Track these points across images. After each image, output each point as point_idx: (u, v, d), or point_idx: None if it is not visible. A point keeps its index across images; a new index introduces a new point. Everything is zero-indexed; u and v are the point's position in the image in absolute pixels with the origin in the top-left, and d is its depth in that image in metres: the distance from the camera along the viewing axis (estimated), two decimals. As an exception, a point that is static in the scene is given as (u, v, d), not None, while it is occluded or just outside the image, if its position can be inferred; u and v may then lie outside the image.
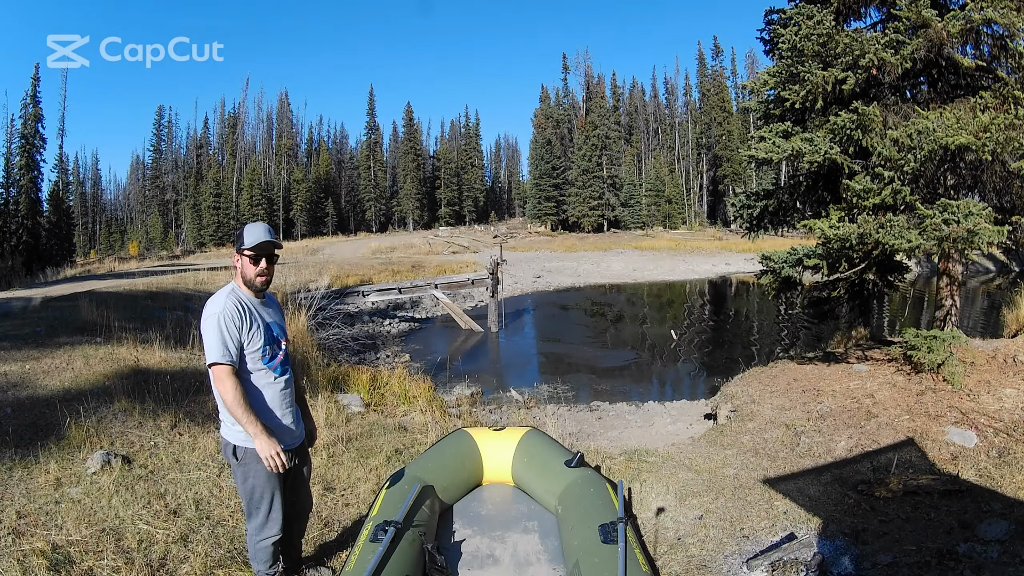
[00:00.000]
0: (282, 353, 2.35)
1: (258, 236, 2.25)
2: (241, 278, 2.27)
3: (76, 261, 30.57)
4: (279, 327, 2.38)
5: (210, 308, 2.17)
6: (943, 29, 5.11)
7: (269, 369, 2.27)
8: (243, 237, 2.25)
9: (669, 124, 52.14)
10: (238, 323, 2.18)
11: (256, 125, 53.32)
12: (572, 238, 39.55)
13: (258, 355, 2.24)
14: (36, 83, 28.09)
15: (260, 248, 2.24)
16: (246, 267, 2.25)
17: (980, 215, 4.70)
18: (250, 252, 2.23)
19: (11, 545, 2.60)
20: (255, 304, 2.28)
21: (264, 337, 2.26)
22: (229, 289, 2.25)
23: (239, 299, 2.23)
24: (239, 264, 2.26)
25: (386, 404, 5.69)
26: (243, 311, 2.21)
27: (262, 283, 2.29)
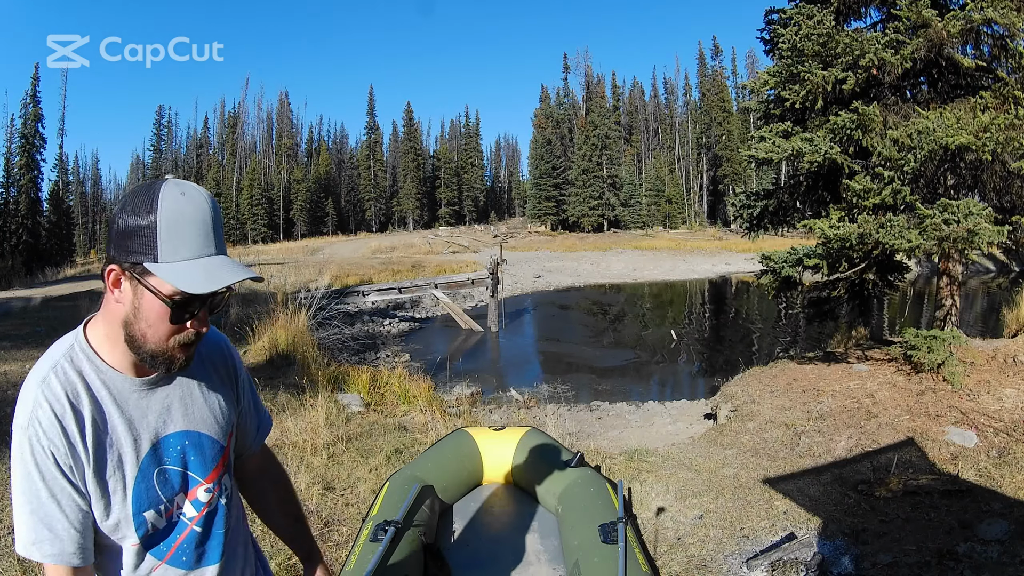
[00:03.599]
0: (198, 516, 0.97)
1: (205, 266, 0.83)
2: (122, 330, 0.86)
3: (76, 261, 30.58)
4: (200, 443, 0.97)
5: (19, 410, 0.85)
6: (943, 29, 5.11)
7: (157, 560, 0.94)
8: (155, 240, 0.81)
9: (669, 124, 52.13)
10: (68, 460, 0.84)
11: (256, 125, 53.34)
12: (572, 238, 39.55)
13: (125, 532, 0.90)
14: (36, 83, 28.12)
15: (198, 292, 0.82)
16: (149, 318, 0.85)
17: (980, 215, 4.70)
18: (171, 294, 0.83)
19: (11, 545, 2.60)
20: (131, 396, 0.90)
21: (138, 490, 0.90)
22: (65, 351, 0.88)
23: (87, 387, 0.87)
24: (126, 299, 0.85)
25: (386, 404, 5.69)
26: (87, 425, 0.86)
27: (182, 360, 0.90)
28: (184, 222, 0.81)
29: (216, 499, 0.99)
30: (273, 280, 13.52)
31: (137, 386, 0.90)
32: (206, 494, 0.98)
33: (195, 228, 0.82)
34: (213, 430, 0.99)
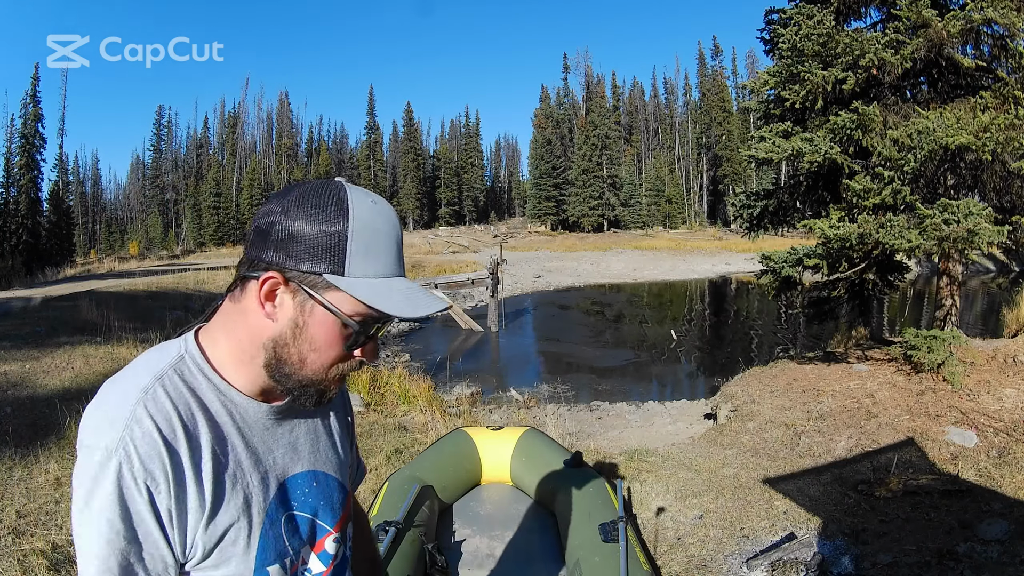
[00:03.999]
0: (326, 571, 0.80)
1: (401, 288, 0.69)
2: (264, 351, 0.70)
3: (76, 261, 30.58)
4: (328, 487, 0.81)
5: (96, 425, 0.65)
6: (943, 29, 5.11)
7: None
8: (345, 250, 0.66)
9: (669, 124, 52.14)
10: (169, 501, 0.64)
11: (256, 125, 53.34)
12: (572, 238, 39.56)
13: None
14: (36, 83, 28.09)
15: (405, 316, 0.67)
16: (316, 340, 0.69)
17: (980, 215, 4.70)
18: (354, 314, 0.68)
19: (11, 545, 2.60)
20: (256, 426, 0.73)
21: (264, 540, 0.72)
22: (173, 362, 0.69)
23: (203, 409, 0.68)
24: (284, 315, 0.68)
25: (386, 404, 5.69)
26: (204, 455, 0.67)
27: (334, 393, 0.76)
28: (379, 234, 0.69)
29: (342, 552, 0.83)
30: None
31: (264, 414, 0.73)
32: (334, 545, 0.81)
33: (389, 243, 0.70)
34: (339, 472, 0.84)
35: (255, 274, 0.67)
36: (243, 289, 0.70)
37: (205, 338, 0.72)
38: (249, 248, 0.69)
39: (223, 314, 0.73)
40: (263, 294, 0.67)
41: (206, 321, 0.75)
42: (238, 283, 0.70)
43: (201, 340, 0.72)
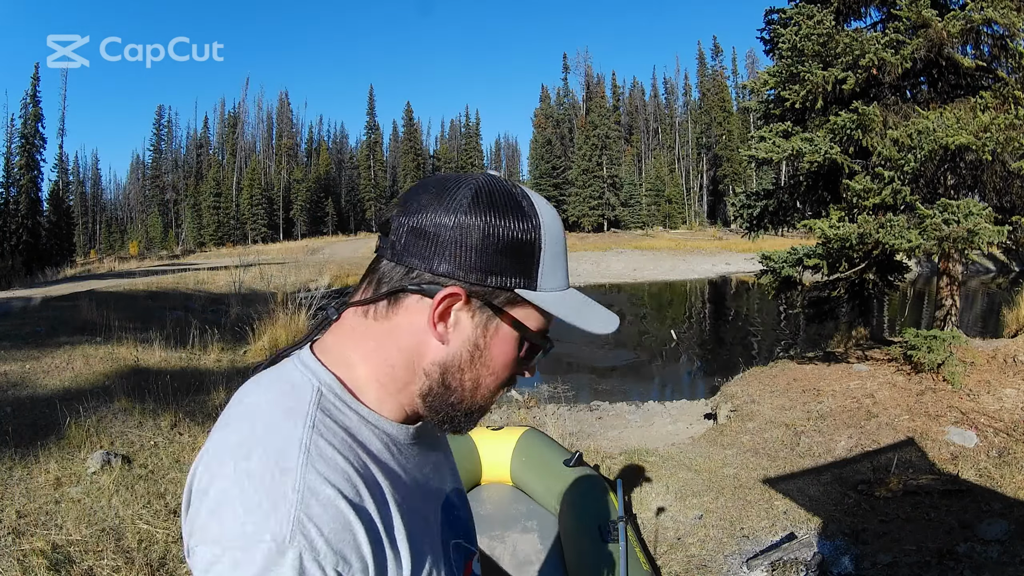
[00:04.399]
0: None
1: (582, 301, 0.63)
2: (426, 377, 0.58)
3: (76, 261, 30.60)
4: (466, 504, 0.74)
5: (240, 516, 0.46)
6: (943, 29, 5.11)
7: None
8: (537, 260, 0.59)
9: (669, 124, 52.16)
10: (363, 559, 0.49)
11: (256, 125, 53.41)
12: (572, 238, 39.58)
13: None
14: (36, 83, 28.12)
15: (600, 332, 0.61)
16: (495, 363, 0.59)
17: (980, 215, 4.70)
18: (540, 329, 0.60)
19: (11, 545, 2.60)
20: (409, 452, 0.62)
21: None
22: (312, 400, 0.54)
23: (368, 453, 0.55)
24: (461, 337, 0.57)
25: (386, 404, 5.70)
26: (393, 512, 0.54)
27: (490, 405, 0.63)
28: (561, 241, 0.62)
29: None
30: (273, 280, 13.52)
31: (410, 438, 0.62)
32: (478, 565, 0.72)
33: (565, 250, 0.63)
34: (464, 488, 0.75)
35: (424, 288, 0.55)
36: (394, 304, 0.57)
37: (330, 361, 0.58)
38: (402, 253, 0.56)
39: (353, 332, 0.59)
40: (437, 313, 0.55)
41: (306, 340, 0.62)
42: (382, 296, 0.57)
43: (329, 362, 0.58)
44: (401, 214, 0.57)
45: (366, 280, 0.60)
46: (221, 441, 0.52)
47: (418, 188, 0.59)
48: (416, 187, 0.59)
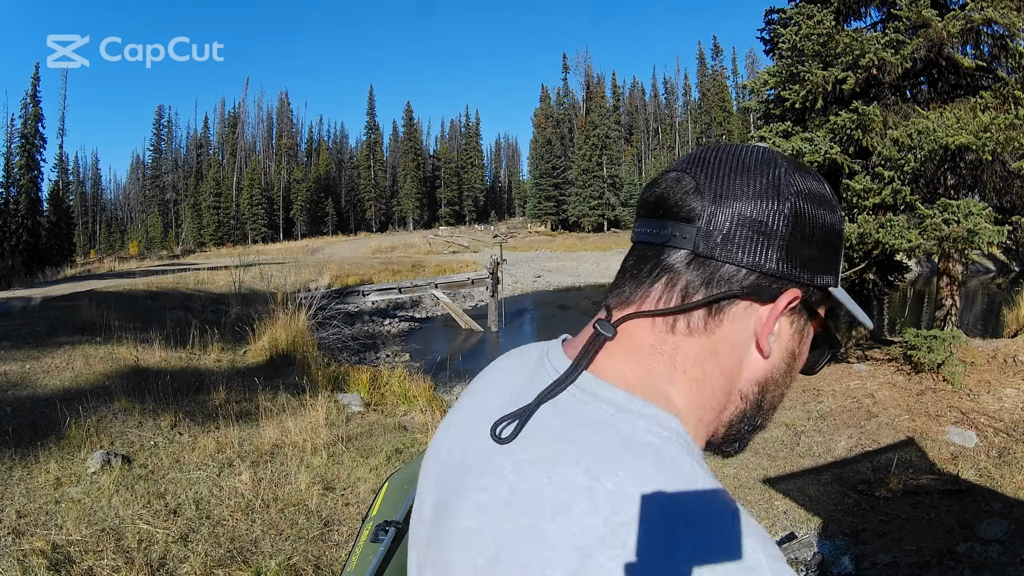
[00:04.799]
0: None
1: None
2: (741, 401, 0.50)
3: (76, 261, 30.60)
4: None
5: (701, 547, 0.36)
6: (943, 29, 5.11)
7: None
8: (840, 253, 0.50)
9: (669, 124, 52.17)
10: None
11: (256, 125, 53.41)
12: (572, 238, 39.57)
13: None
14: (36, 83, 28.13)
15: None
16: (795, 371, 0.51)
17: (980, 215, 4.70)
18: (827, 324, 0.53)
19: (11, 545, 2.60)
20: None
21: None
22: (672, 440, 0.43)
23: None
24: (781, 347, 0.49)
25: (386, 404, 5.69)
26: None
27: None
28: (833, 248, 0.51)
29: None
30: (273, 280, 13.52)
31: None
32: None
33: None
34: None
35: (761, 292, 0.45)
36: (716, 314, 0.46)
37: (647, 386, 0.46)
38: (722, 248, 0.45)
39: (658, 353, 0.46)
40: (771, 319, 0.46)
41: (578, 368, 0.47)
42: (702, 304, 0.45)
43: (643, 391, 0.46)
44: (710, 197, 0.45)
45: (649, 281, 0.47)
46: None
47: (716, 163, 0.47)
48: (709, 161, 0.47)
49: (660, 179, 0.49)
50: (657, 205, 0.47)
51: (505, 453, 0.44)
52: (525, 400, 0.46)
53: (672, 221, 0.46)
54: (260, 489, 3.26)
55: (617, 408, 0.44)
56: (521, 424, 0.44)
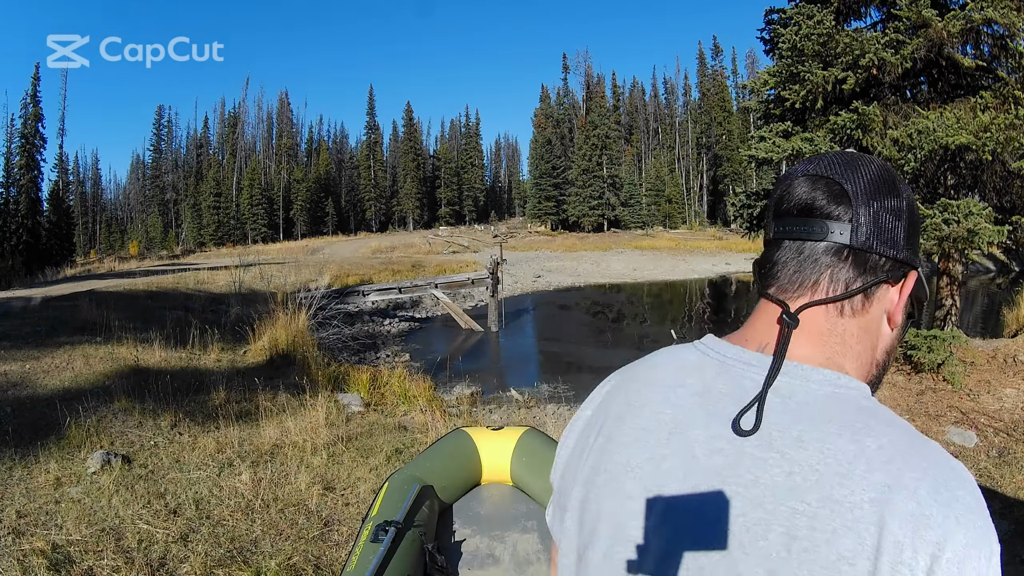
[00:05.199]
0: None
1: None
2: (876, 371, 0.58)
3: (76, 261, 30.59)
4: None
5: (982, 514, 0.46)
6: (943, 29, 5.11)
7: None
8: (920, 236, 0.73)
9: (669, 124, 52.17)
10: None
11: (256, 125, 53.41)
12: (572, 238, 39.57)
13: None
14: (36, 83, 28.12)
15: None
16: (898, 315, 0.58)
17: (980, 215, 4.71)
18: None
19: (11, 545, 2.60)
20: None
21: None
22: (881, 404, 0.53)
23: None
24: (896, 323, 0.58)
25: (386, 404, 5.70)
26: None
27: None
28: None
29: None
30: (273, 280, 13.52)
31: None
32: None
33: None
34: None
35: (895, 276, 0.55)
36: (868, 297, 0.54)
37: (835, 369, 0.53)
38: (870, 241, 0.53)
39: (832, 334, 0.54)
40: (903, 300, 0.56)
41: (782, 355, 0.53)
42: (860, 290, 0.54)
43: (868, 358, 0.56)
44: (856, 199, 0.53)
45: (815, 274, 0.54)
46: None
47: (846, 168, 0.55)
48: (839, 165, 0.55)
49: (794, 183, 0.56)
50: (808, 207, 0.55)
51: (760, 445, 0.49)
52: (727, 397, 0.52)
53: (827, 220, 0.54)
54: (260, 489, 3.26)
55: (834, 385, 0.51)
56: (760, 415, 0.50)
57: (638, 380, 0.60)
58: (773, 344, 0.54)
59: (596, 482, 0.57)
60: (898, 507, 0.44)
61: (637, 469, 0.54)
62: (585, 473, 0.59)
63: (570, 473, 0.62)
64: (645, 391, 0.58)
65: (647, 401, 0.57)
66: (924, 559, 0.43)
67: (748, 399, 0.51)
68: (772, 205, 0.58)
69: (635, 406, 0.58)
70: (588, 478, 0.58)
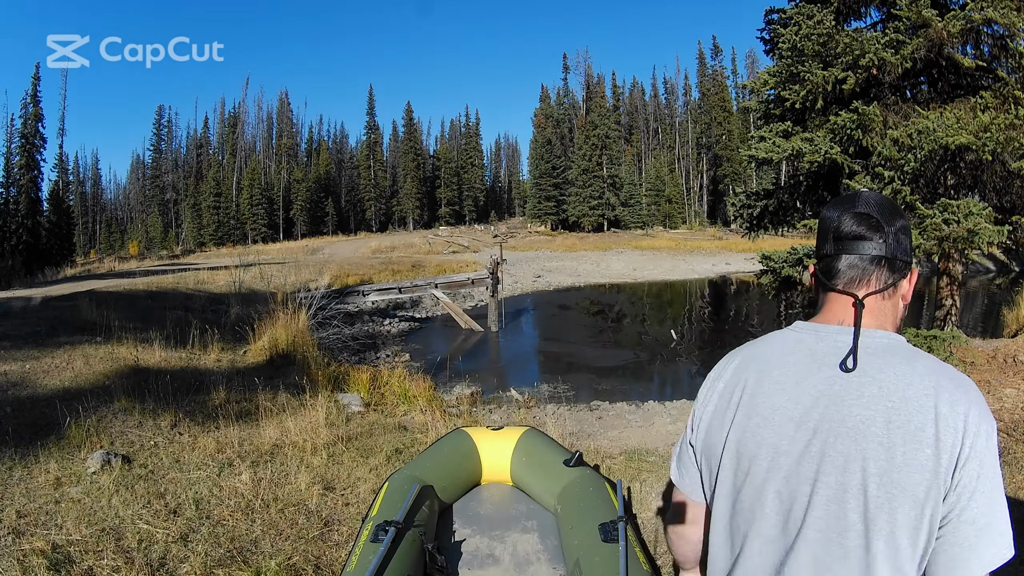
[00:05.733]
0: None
1: None
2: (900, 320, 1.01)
3: (76, 261, 30.59)
4: None
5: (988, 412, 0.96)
6: (943, 29, 5.11)
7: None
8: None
9: (669, 124, 52.15)
10: None
11: (256, 125, 53.38)
12: (572, 238, 39.55)
13: None
14: (36, 83, 28.11)
15: None
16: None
17: (980, 215, 4.71)
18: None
19: (11, 545, 2.60)
20: None
21: None
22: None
23: None
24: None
25: (386, 403, 5.69)
26: None
27: None
28: None
29: None
30: (273, 280, 13.52)
31: None
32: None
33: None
34: None
35: (907, 271, 0.92)
36: (896, 287, 0.91)
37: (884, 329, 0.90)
38: (896, 251, 0.89)
39: (882, 312, 0.91)
40: (912, 287, 0.94)
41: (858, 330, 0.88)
42: (893, 283, 0.90)
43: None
44: (887, 225, 0.89)
45: (869, 274, 0.89)
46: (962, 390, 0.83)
47: (875, 205, 0.90)
48: (873, 204, 0.90)
49: (846, 218, 0.90)
50: (859, 235, 0.89)
51: (859, 375, 0.84)
52: (828, 354, 0.87)
53: (870, 241, 0.88)
54: (260, 489, 3.26)
55: (887, 338, 0.87)
56: (855, 358, 0.84)
57: (761, 354, 0.93)
58: (848, 320, 0.89)
59: (751, 424, 0.88)
60: (942, 396, 0.81)
61: (782, 407, 0.86)
62: (738, 421, 0.90)
63: (716, 425, 0.94)
64: (771, 358, 0.91)
65: (776, 365, 0.90)
66: (960, 421, 0.80)
67: (843, 353, 0.85)
68: (831, 231, 0.91)
69: (766, 369, 0.90)
70: (742, 423, 0.90)
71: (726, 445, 0.90)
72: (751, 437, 0.87)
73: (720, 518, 0.92)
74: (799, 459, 0.83)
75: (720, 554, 0.93)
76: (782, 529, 0.84)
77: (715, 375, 0.98)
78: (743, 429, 0.88)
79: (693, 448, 0.99)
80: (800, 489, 0.83)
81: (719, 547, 0.93)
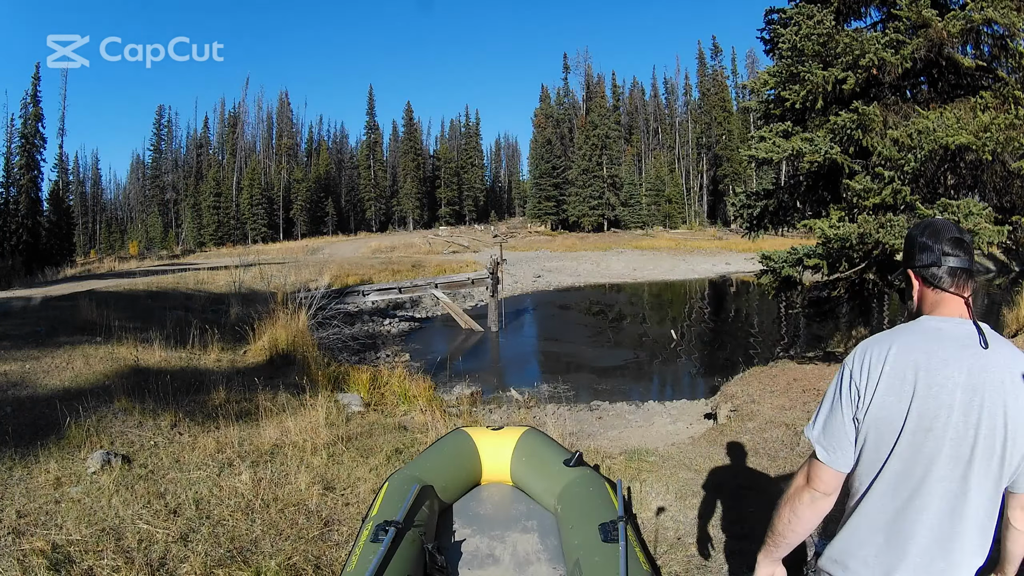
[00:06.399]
0: None
1: None
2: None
3: (76, 260, 30.58)
4: None
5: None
6: (943, 29, 5.11)
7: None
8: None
9: (669, 124, 52.14)
10: None
11: (256, 125, 53.36)
12: (572, 238, 39.55)
13: None
14: (36, 83, 28.11)
15: None
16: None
17: (980, 215, 4.71)
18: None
19: (11, 545, 2.60)
20: None
21: None
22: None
23: None
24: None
25: (386, 403, 5.69)
26: None
27: None
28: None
29: None
30: (273, 280, 13.52)
31: None
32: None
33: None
34: None
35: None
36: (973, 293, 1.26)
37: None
38: (971, 266, 1.26)
39: (973, 308, 1.24)
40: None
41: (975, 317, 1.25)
42: (974, 290, 1.27)
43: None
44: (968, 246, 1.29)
45: (964, 282, 1.24)
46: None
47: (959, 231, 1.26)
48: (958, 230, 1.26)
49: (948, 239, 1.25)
50: (961, 254, 1.24)
51: (991, 350, 1.17)
52: (964, 337, 1.19)
53: (967, 258, 1.26)
54: (260, 489, 3.26)
55: (988, 325, 1.21)
56: (986, 340, 1.17)
57: (914, 341, 1.21)
58: (964, 313, 1.22)
59: (930, 393, 1.15)
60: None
61: (954, 375, 1.15)
62: (919, 391, 1.16)
63: (893, 400, 1.18)
64: (928, 343, 1.19)
65: (936, 347, 1.18)
66: None
67: (973, 336, 1.18)
68: (939, 248, 1.24)
69: (931, 351, 1.18)
70: (923, 393, 1.16)
71: (909, 412, 1.16)
72: (932, 400, 1.15)
73: (891, 474, 1.20)
74: (966, 411, 1.15)
75: (880, 504, 1.22)
76: (954, 466, 1.15)
77: (873, 361, 1.21)
78: (924, 397, 1.16)
79: (857, 423, 1.22)
80: (967, 433, 1.14)
81: (880, 498, 1.21)
